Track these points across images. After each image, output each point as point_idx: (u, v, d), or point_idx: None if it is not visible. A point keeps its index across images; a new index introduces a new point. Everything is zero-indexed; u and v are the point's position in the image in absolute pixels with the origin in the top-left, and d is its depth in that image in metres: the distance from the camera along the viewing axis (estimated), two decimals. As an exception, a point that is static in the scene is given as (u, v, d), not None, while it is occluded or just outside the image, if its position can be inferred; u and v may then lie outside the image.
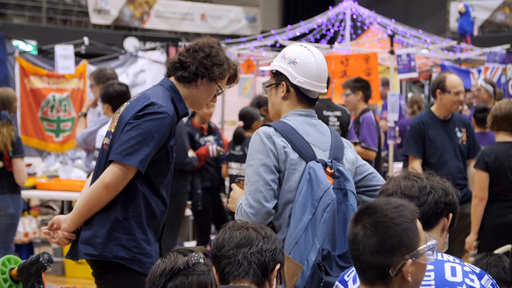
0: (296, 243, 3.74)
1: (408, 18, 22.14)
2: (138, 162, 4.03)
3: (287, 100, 4.01)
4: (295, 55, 4.00)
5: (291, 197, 3.83)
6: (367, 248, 2.51)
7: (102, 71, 8.55)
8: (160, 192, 4.21)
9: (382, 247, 2.50)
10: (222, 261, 2.83)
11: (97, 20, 23.40)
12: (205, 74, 4.21)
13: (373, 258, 2.51)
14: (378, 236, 2.51)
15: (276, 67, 4.01)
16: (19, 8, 22.90)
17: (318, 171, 3.79)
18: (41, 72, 10.77)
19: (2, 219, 7.83)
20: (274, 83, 4.04)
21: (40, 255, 3.20)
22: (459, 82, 7.15)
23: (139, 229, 4.13)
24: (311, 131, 3.95)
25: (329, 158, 3.90)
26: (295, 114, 3.99)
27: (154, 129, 4.06)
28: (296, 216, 3.77)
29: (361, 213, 2.56)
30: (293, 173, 3.84)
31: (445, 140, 7.17)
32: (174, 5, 25.08)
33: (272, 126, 3.91)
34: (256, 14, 27.32)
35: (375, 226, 2.51)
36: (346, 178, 3.87)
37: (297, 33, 15.80)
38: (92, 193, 4.12)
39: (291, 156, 3.85)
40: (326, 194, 3.75)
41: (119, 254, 4.11)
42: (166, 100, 4.17)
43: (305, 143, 3.89)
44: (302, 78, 3.97)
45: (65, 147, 10.99)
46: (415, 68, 10.14)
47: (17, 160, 7.79)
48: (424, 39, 15.58)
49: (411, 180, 3.08)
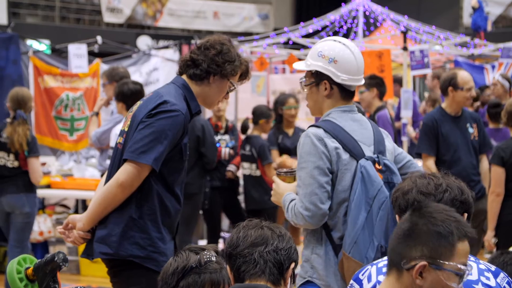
0: (355, 242, 3.81)
1: (421, 14, 22.07)
2: (152, 160, 4.04)
3: (331, 97, 4.03)
4: (334, 53, 4.00)
5: (345, 197, 3.88)
6: (398, 231, 2.53)
7: (115, 69, 8.56)
8: (174, 190, 4.22)
9: (408, 236, 2.51)
10: (238, 259, 2.83)
11: (110, 19, 23.43)
12: (217, 71, 4.22)
13: (397, 243, 2.52)
14: (412, 224, 2.52)
15: (316, 67, 4.01)
16: (32, 7, 22.95)
17: (370, 169, 3.85)
18: (54, 71, 10.79)
19: (18, 218, 7.86)
20: (314, 81, 4.03)
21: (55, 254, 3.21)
22: (470, 78, 7.14)
23: (153, 228, 4.15)
24: (356, 128, 3.99)
25: (374, 153, 3.94)
26: (339, 111, 4.01)
27: (167, 127, 4.07)
28: (353, 216, 3.82)
29: (420, 204, 2.59)
30: (346, 173, 3.89)
31: (458, 136, 7.15)
32: (187, 3, 25.08)
33: (321, 127, 3.93)
34: (269, 12, 27.29)
35: (418, 215, 2.53)
36: (392, 171, 3.93)
37: (310, 30, 15.78)
38: (107, 192, 4.12)
39: (343, 156, 3.89)
40: (380, 192, 3.81)
41: (134, 253, 4.12)
42: (179, 98, 4.18)
43: (354, 142, 3.92)
44: (345, 75, 3.99)
45: (79, 146, 11.01)
46: (428, 64, 10.11)
47: (33, 160, 7.81)
48: (437, 35, 15.53)
49: (427, 178, 3.08)
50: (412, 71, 10.40)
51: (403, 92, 10.32)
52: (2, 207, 7.90)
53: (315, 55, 4.03)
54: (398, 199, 3.10)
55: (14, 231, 7.88)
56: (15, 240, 7.87)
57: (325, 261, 3.93)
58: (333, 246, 3.92)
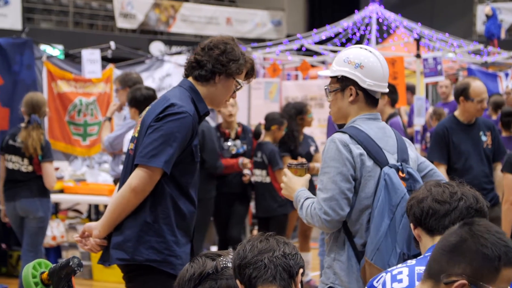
0: (378, 249, 3.81)
1: (434, 22, 22.05)
2: (163, 163, 4.05)
3: (356, 103, 4.03)
4: (360, 58, 4.01)
5: (368, 204, 3.89)
6: (444, 244, 2.47)
7: (128, 75, 8.58)
8: (188, 193, 4.23)
9: (454, 250, 2.44)
10: (247, 268, 2.82)
11: (123, 24, 23.50)
12: (222, 71, 4.23)
13: (440, 255, 2.47)
14: (461, 239, 2.45)
15: (343, 72, 4.02)
16: (46, 13, 23.04)
17: (393, 177, 3.86)
18: (68, 76, 10.83)
19: (31, 223, 7.88)
20: (339, 87, 4.04)
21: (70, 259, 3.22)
22: (482, 90, 7.08)
23: (169, 231, 4.16)
24: (381, 135, 4.00)
25: (397, 161, 3.96)
26: (364, 118, 4.02)
27: (176, 129, 4.09)
28: (376, 223, 3.83)
29: (472, 220, 2.53)
30: (369, 180, 3.90)
31: (470, 144, 7.13)
32: (200, 9, 25.15)
33: (347, 132, 3.94)
34: (282, 18, 27.32)
35: (468, 231, 2.46)
36: (415, 179, 3.93)
37: (323, 37, 15.78)
38: (120, 198, 4.14)
39: (367, 163, 3.90)
40: (403, 200, 3.80)
41: (151, 257, 4.13)
42: (186, 100, 4.19)
43: (379, 149, 3.94)
44: (371, 81, 4.00)
45: (92, 151, 11.04)
46: (441, 71, 10.10)
47: (46, 164, 7.84)
48: (450, 43, 15.51)
49: (442, 187, 3.08)
50: (425, 79, 10.40)
51: (416, 100, 10.32)
52: (16, 212, 7.93)
53: (341, 61, 4.04)
54: (413, 207, 3.10)
55: (28, 236, 7.90)
56: (29, 244, 7.90)
57: (348, 268, 3.94)
58: (356, 253, 3.93)
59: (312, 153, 9.20)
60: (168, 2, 24.80)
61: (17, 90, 9.93)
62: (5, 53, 10.14)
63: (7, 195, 7.97)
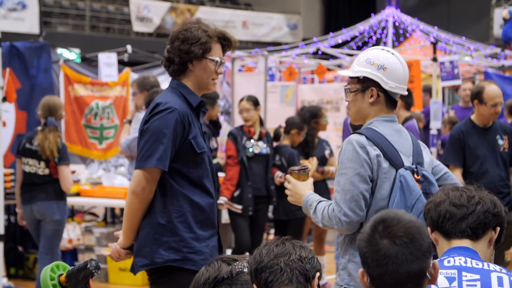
0: None
1: (451, 25, 22.00)
2: (156, 161, 4.10)
3: (376, 105, 4.03)
4: (383, 60, 4.00)
5: (383, 205, 3.88)
6: (407, 257, 2.48)
7: (146, 78, 8.61)
8: (202, 184, 4.25)
9: (420, 252, 2.49)
10: (264, 272, 2.82)
11: (140, 28, 23.56)
12: (189, 58, 4.26)
13: (414, 265, 2.48)
14: (414, 241, 2.49)
15: (365, 73, 4.00)
16: (63, 16, 23.13)
17: (409, 179, 3.86)
18: (84, 80, 10.88)
19: (48, 226, 7.91)
20: (360, 88, 4.05)
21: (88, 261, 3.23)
22: (497, 94, 7.06)
23: (185, 229, 4.17)
24: (397, 138, 4.00)
25: (413, 163, 3.96)
26: (381, 120, 4.02)
27: (162, 126, 4.13)
28: None
29: (381, 226, 2.53)
30: (385, 181, 3.89)
31: (486, 148, 7.11)
32: (216, 13, 25.18)
33: (364, 134, 3.94)
34: (298, 22, 27.32)
35: (407, 233, 2.50)
36: (430, 182, 3.93)
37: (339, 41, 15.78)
38: (126, 204, 4.23)
39: (383, 164, 3.90)
40: (419, 201, 3.81)
41: (171, 257, 4.16)
42: (172, 96, 4.24)
43: (395, 151, 3.93)
44: (393, 83, 4.00)
45: (108, 154, 11.09)
46: (458, 75, 10.07)
47: (63, 167, 7.87)
48: (467, 46, 15.47)
49: (459, 191, 3.07)
50: (442, 82, 10.37)
51: (433, 103, 10.29)
52: (32, 215, 7.96)
53: (363, 62, 4.03)
54: (430, 211, 3.10)
55: (45, 238, 7.93)
56: (45, 247, 7.93)
57: None
58: None
59: (327, 157, 9.18)
60: (185, 6, 24.85)
61: (34, 94, 9.99)
62: (22, 57, 10.19)
63: (24, 198, 8.01)
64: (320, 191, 8.99)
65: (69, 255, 9.62)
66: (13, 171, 9.11)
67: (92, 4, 23.64)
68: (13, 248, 9.77)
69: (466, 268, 2.95)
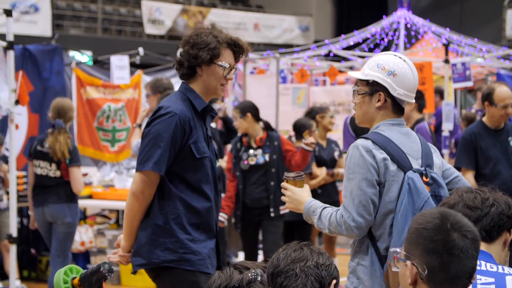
0: None
1: (463, 27, 21.95)
2: (152, 165, 4.17)
3: (382, 110, 4.03)
4: (394, 66, 4.00)
5: (392, 208, 3.88)
6: (473, 253, 2.52)
7: (159, 81, 8.59)
8: (200, 189, 4.30)
9: (478, 252, 2.55)
10: (279, 277, 2.83)
11: (152, 31, 23.60)
12: (198, 62, 4.31)
13: (474, 262, 2.53)
14: (478, 240, 2.54)
15: (374, 77, 4.00)
16: (75, 19, 23.20)
17: (417, 181, 3.84)
18: (97, 83, 10.90)
19: (59, 228, 7.92)
20: (369, 91, 4.05)
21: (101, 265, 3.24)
22: (507, 95, 7.04)
23: (180, 230, 4.25)
24: (405, 141, 3.99)
25: (422, 166, 3.95)
26: (388, 124, 4.01)
27: (161, 130, 4.20)
28: (399, 227, 3.82)
29: (449, 219, 2.55)
30: (393, 184, 3.89)
31: (498, 150, 7.10)
32: (228, 15, 25.21)
33: (370, 138, 3.94)
34: (309, 24, 27.31)
35: (473, 231, 2.54)
36: (439, 184, 3.92)
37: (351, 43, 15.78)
38: (126, 205, 4.31)
39: (391, 168, 3.89)
40: (427, 204, 3.80)
41: (167, 258, 4.24)
42: (176, 101, 4.30)
43: (402, 154, 3.93)
44: (402, 90, 4.00)
45: (120, 156, 11.10)
46: (470, 77, 10.05)
47: (74, 169, 7.89)
48: (479, 48, 15.44)
49: (473, 193, 3.07)
50: (454, 84, 10.35)
51: (445, 105, 10.27)
52: (44, 217, 7.98)
53: (374, 66, 4.02)
54: None
55: (56, 241, 7.95)
56: (57, 250, 7.94)
57: (371, 272, 3.93)
58: (379, 257, 3.92)
59: (336, 158, 9.14)
60: (196, 8, 24.88)
61: (46, 97, 10.01)
62: (35, 59, 10.22)
63: (35, 200, 8.03)
64: (329, 194, 9.03)
65: (81, 257, 9.65)
66: (25, 173, 9.13)
67: (104, 7, 23.70)
68: (26, 250, 9.80)
69: (481, 271, 2.93)
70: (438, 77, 13.58)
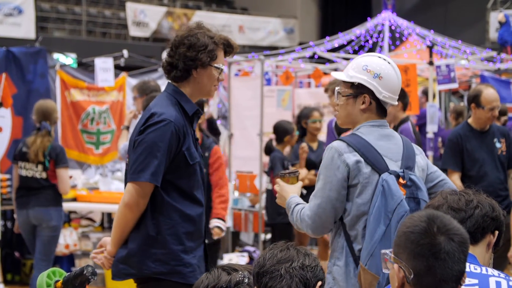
0: (372, 254, 3.80)
1: (447, 29, 22.01)
2: (149, 176, 4.05)
3: (366, 112, 4.03)
4: (379, 69, 4.00)
5: (365, 210, 3.89)
6: (460, 256, 2.50)
7: (146, 83, 8.58)
8: (193, 195, 4.22)
9: (466, 255, 2.53)
10: (264, 277, 2.83)
11: (136, 33, 23.55)
12: (195, 65, 4.18)
13: (462, 266, 2.52)
14: (466, 244, 2.52)
15: (360, 80, 4.00)
16: (59, 21, 23.12)
17: (391, 183, 3.84)
18: (81, 85, 10.87)
19: (44, 231, 7.89)
20: (353, 93, 4.03)
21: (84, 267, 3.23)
22: (494, 98, 7.05)
23: (174, 241, 4.15)
24: (383, 143, 3.98)
25: (401, 168, 3.93)
26: (369, 125, 4.02)
27: (157, 139, 4.06)
28: (371, 228, 3.83)
29: (436, 223, 2.53)
30: (367, 187, 3.90)
31: (484, 151, 7.12)
32: (213, 17, 25.17)
33: (345, 141, 3.96)
34: (294, 26, 27.33)
35: (461, 234, 2.53)
36: (418, 187, 3.90)
37: (336, 45, 15.80)
38: (118, 214, 4.19)
39: (364, 170, 3.90)
40: (400, 206, 3.79)
41: (158, 270, 4.14)
42: (168, 106, 4.16)
43: (378, 156, 3.92)
44: (387, 93, 4.00)
45: (105, 159, 11.07)
46: (455, 79, 10.06)
47: (61, 170, 7.88)
48: (463, 50, 15.50)
49: (458, 195, 3.07)
50: (438, 86, 10.37)
51: (429, 107, 10.29)
52: (28, 220, 7.94)
53: (359, 68, 4.01)
54: None
55: (41, 244, 7.91)
56: (41, 253, 7.91)
57: (345, 273, 3.95)
58: (354, 258, 3.93)
59: (326, 160, 9.15)
60: (181, 10, 24.86)
61: (30, 99, 9.97)
62: (19, 62, 10.18)
63: (19, 202, 7.99)
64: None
65: (66, 260, 9.60)
66: (9, 176, 9.09)
67: (88, 9, 23.64)
68: (9, 254, 9.75)
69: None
70: (423, 79, 13.61)
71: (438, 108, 11.72)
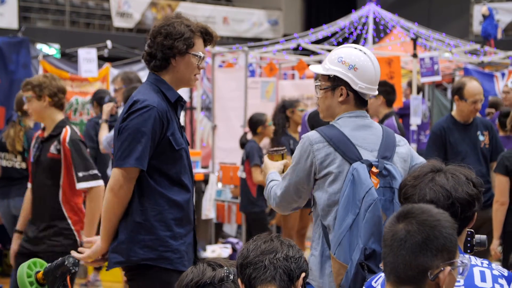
0: (340, 243, 3.81)
1: (431, 21, 22.07)
2: (134, 161, 4.08)
3: (345, 104, 4.04)
4: (354, 60, 4.00)
5: (336, 199, 3.90)
6: (410, 246, 2.42)
7: (131, 73, 8.57)
8: (180, 181, 4.23)
9: (427, 247, 2.42)
10: (248, 268, 2.83)
11: (120, 24, 23.48)
12: (173, 53, 4.21)
13: (414, 257, 2.42)
14: (425, 234, 2.43)
15: (335, 72, 4.00)
16: (42, 11, 23.01)
17: (361, 172, 3.83)
18: (64, 76, 10.81)
19: (25, 222, 7.85)
20: (330, 86, 4.04)
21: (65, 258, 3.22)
22: (477, 91, 7.05)
23: (162, 227, 4.16)
24: (359, 133, 3.99)
25: (377, 157, 3.92)
26: (346, 116, 4.03)
27: (140, 124, 4.09)
28: (340, 217, 3.84)
29: (405, 213, 2.49)
30: (338, 176, 3.91)
31: (467, 144, 7.13)
32: (197, 9, 25.13)
33: (319, 131, 3.99)
34: (278, 18, 27.32)
35: (422, 224, 2.44)
36: (393, 176, 3.88)
37: (320, 37, 15.80)
38: (104, 202, 4.19)
39: (335, 160, 3.91)
40: (368, 194, 3.78)
41: (146, 256, 4.14)
42: (150, 93, 4.19)
43: (351, 146, 3.93)
44: (363, 84, 4.00)
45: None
46: (438, 71, 10.09)
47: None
48: (447, 43, 15.53)
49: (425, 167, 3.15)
50: (422, 78, 10.39)
51: (413, 99, 10.31)
52: (9, 210, 7.91)
53: (335, 60, 4.03)
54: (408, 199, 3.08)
55: (22, 235, 7.87)
56: (23, 244, 7.87)
57: (320, 262, 3.97)
58: (329, 248, 3.93)
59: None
60: (165, 1, 24.79)
61: (13, 90, 9.92)
62: (1, 52, 10.12)
63: (1, 192, 7.97)
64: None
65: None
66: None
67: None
68: (-9, 244, 9.71)
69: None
70: (407, 71, 13.64)
71: (423, 100, 11.73)
